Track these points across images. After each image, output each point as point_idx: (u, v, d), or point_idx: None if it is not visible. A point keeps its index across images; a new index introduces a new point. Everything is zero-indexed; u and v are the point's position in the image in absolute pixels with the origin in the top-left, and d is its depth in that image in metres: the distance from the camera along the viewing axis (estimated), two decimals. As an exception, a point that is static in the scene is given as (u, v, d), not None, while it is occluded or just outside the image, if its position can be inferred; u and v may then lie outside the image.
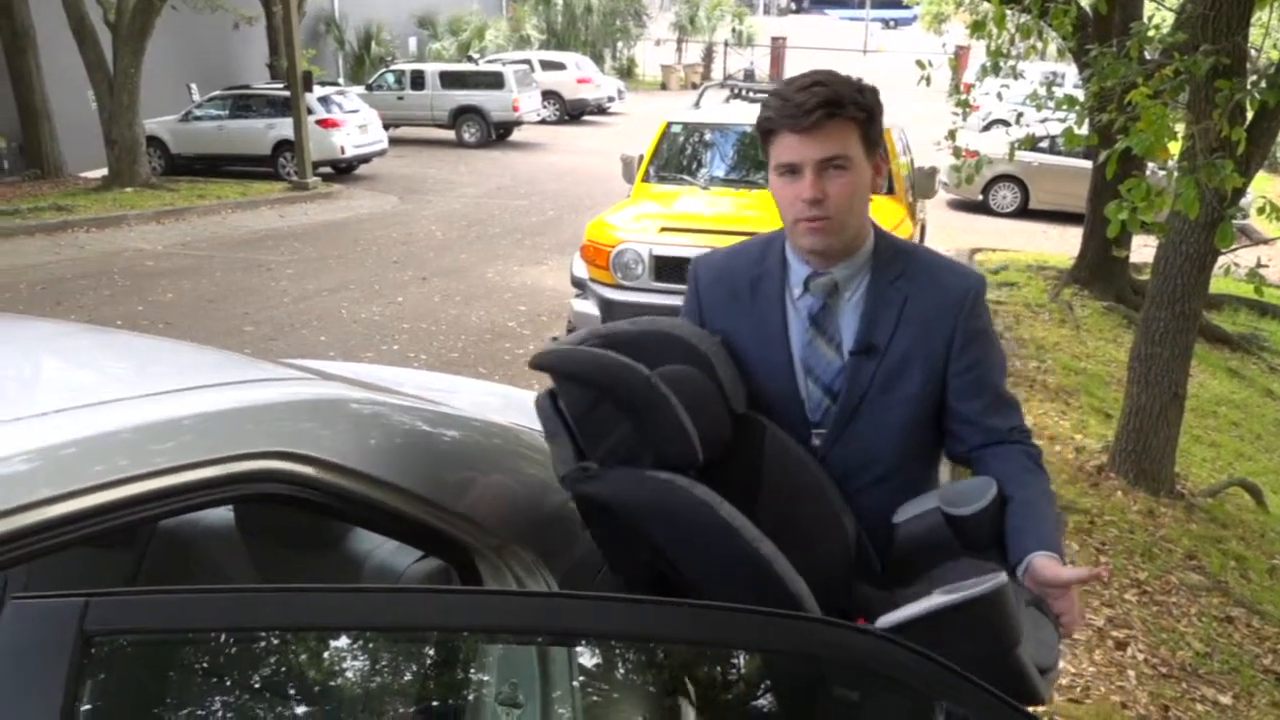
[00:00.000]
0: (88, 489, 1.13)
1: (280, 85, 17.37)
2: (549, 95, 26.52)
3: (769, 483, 1.75)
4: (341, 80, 24.68)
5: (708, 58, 38.38)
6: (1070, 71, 16.94)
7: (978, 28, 6.01)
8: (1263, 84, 4.47)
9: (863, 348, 1.75)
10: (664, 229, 6.46)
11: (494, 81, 22.60)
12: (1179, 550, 5.01)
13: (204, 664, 1.03)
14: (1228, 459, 6.92)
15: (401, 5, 29.88)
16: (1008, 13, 6.22)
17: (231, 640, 0.99)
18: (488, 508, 1.70)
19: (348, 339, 8.20)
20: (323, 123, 16.84)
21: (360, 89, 21.70)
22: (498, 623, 1.04)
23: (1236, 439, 7.39)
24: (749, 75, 30.36)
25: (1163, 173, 4.84)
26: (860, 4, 52.45)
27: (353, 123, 17.58)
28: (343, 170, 17.79)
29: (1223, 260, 5.30)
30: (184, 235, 12.71)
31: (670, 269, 6.20)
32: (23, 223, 12.43)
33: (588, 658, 1.24)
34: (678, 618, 1.01)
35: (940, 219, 13.77)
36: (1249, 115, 4.81)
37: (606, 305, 6.40)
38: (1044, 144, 11.94)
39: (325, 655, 1.08)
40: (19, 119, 15.88)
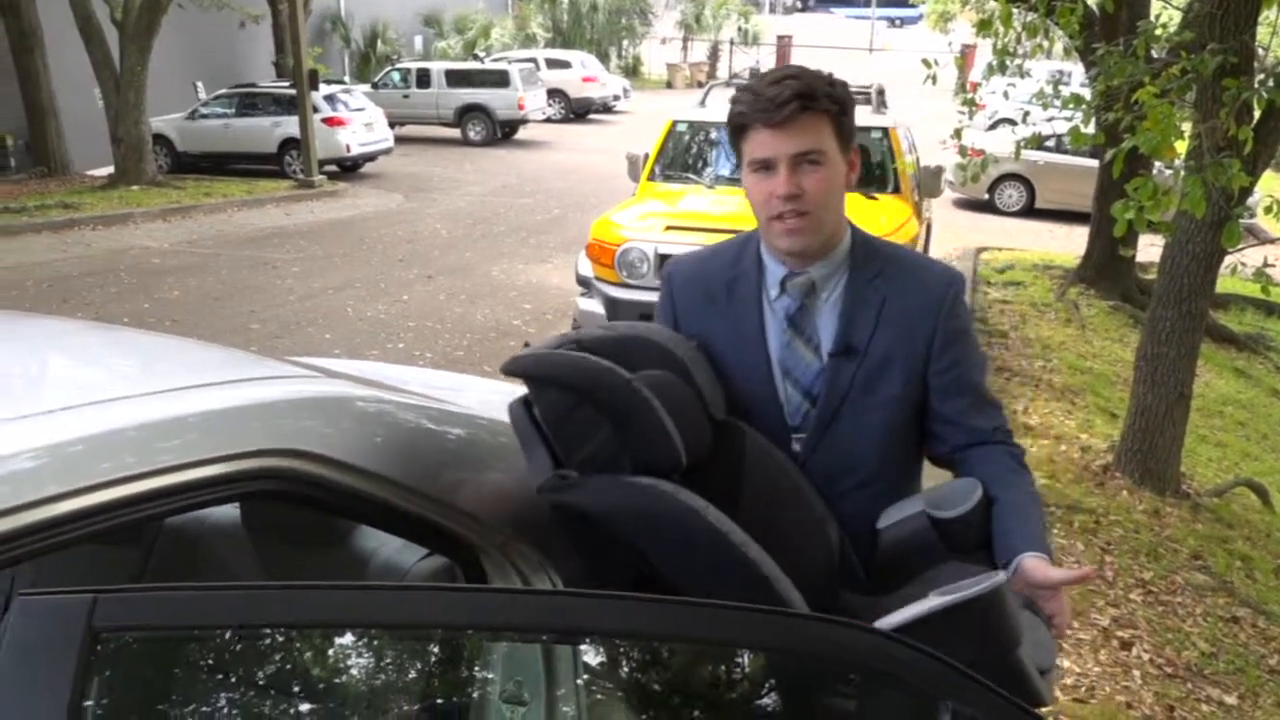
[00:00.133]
0: (94, 486, 1.14)
1: (286, 83, 17.41)
2: (554, 94, 26.52)
3: (749, 490, 1.69)
4: (347, 78, 24.76)
5: (713, 56, 38.37)
6: (1077, 70, 16.91)
7: (984, 26, 6.00)
8: (1270, 83, 4.46)
9: (842, 349, 1.72)
10: (669, 227, 6.45)
11: (499, 80, 22.61)
12: (1184, 550, 5.00)
13: (211, 661, 1.03)
14: (1234, 459, 6.90)
15: (407, 4, 29.89)
16: (1014, 11, 6.20)
17: (238, 637, 1.00)
18: (493, 506, 1.69)
19: (353, 337, 8.21)
20: (328, 121, 16.86)
21: (366, 87, 21.71)
22: (502, 621, 1.04)
23: (1243, 439, 7.38)
24: (754, 74, 30.32)
25: (1169, 172, 4.82)
26: (866, 3, 52.39)
27: (358, 121, 17.61)
28: (348, 168, 17.80)
29: (1229, 259, 5.29)
30: (190, 233, 12.73)
31: None
32: (30, 220, 12.46)
33: (592, 656, 1.24)
34: (683, 617, 1.01)
35: (946, 218, 13.75)
36: (1256, 114, 4.80)
37: (611, 304, 6.40)
38: (1050, 143, 11.89)
39: (331, 653, 1.08)
40: (26, 117, 15.92)
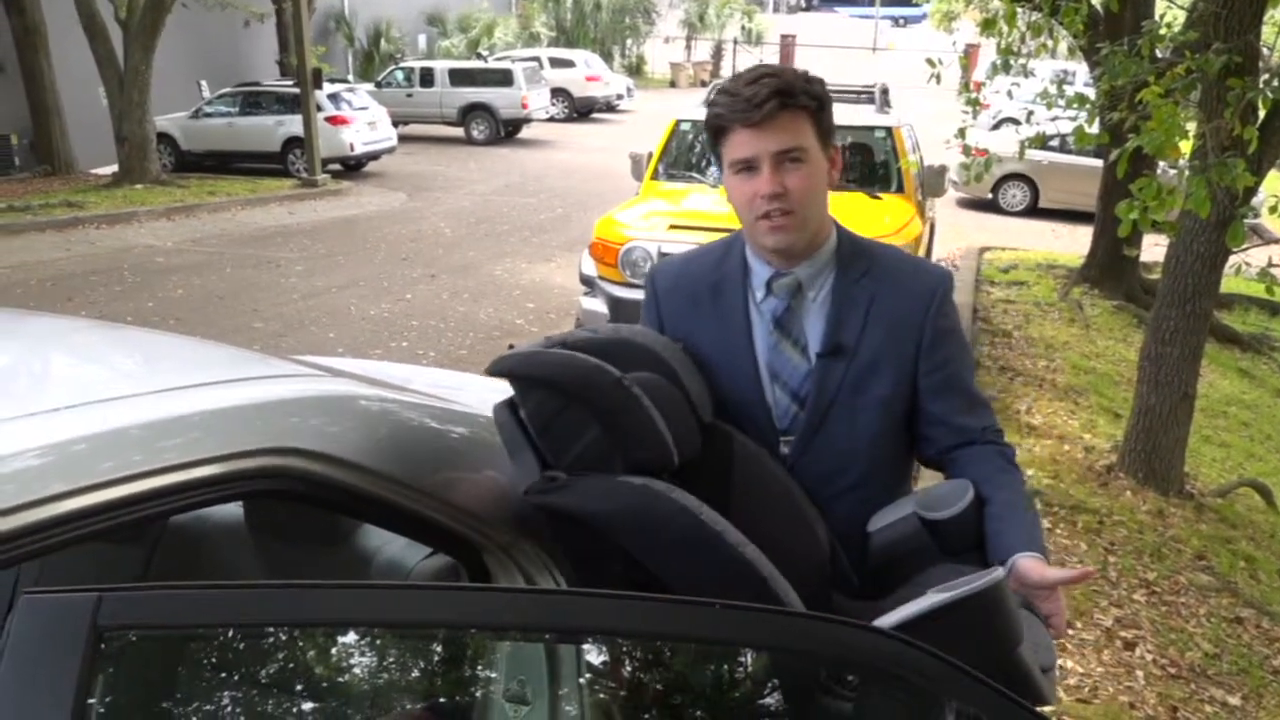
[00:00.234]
0: (99, 484, 1.14)
1: (290, 82, 17.41)
2: (558, 93, 26.52)
3: (738, 494, 1.66)
4: (351, 77, 24.78)
5: (717, 55, 38.35)
6: (1081, 70, 16.90)
7: (988, 25, 5.99)
8: (1275, 82, 4.45)
9: (830, 349, 1.70)
10: (673, 226, 6.45)
11: (503, 79, 22.63)
12: (1188, 550, 4.99)
13: (215, 659, 1.03)
14: (1238, 459, 6.89)
15: (411, 2, 29.91)
16: (1018, 10, 6.20)
17: (242, 636, 1.00)
18: (496, 504, 1.69)
19: (356, 336, 8.21)
20: (332, 120, 16.88)
21: (370, 86, 21.74)
22: (506, 620, 1.04)
23: (1247, 439, 7.36)
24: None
25: (1173, 172, 4.82)
26: (870, 2, 52.35)
27: (362, 120, 17.63)
28: (352, 167, 17.82)
29: (1234, 259, 5.28)
30: (194, 232, 12.75)
31: None
32: (34, 219, 12.48)
33: (595, 655, 1.24)
34: (686, 616, 1.01)
35: (949, 217, 13.74)
36: (1261, 114, 4.79)
37: (615, 303, 6.39)
38: (1054, 143, 11.88)
39: (336, 651, 1.08)
40: (30, 115, 15.96)
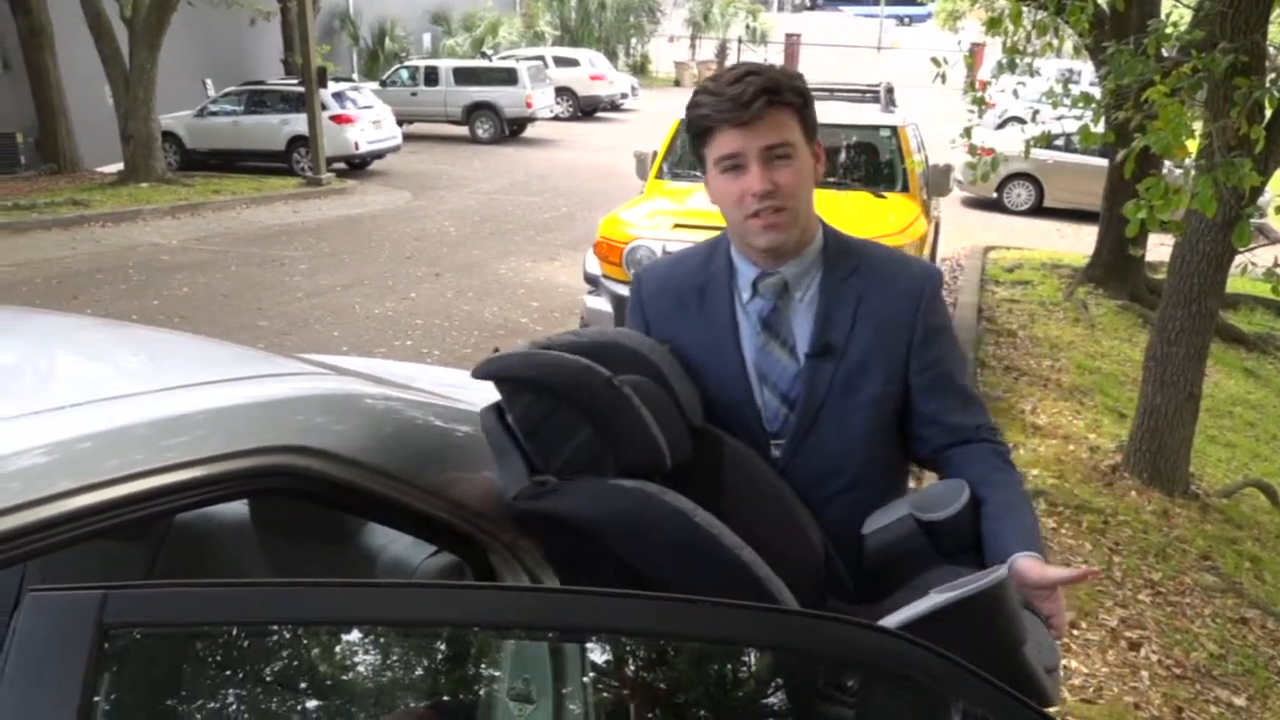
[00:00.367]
0: (104, 483, 1.14)
1: (295, 81, 17.42)
2: (562, 92, 26.53)
3: (729, 499, 1.63)
4: (356, 76, 24.80)
5: (721, 54, 38.30)
6: (1086, 69, 16.86)
7: (994, 24, 5.97)
8: (1282, 82, 4.44)
9: (819, 349, 1.68)
10: (677, 225, 6.44)
11: (507, 78, 22.64)
12: (1193, 551, 4.98)
13: (221, 657, 1.03)
14: (1243, 459, 6.88)
15: (416, 1, 29.93)
16: (1024, 9, 6.18)
17: (248, 634, 1.00)
18: (500, 503, 1.69)
19: (361, 334, 8.22)
20: (337, 119, 16.90)
21: (374, 85, 21.77)
22: (511, 618, 1.04)
23: (1252, 439, 7.35)
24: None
25: (1179, 171, 4.80)
26: (875, 0, 52.28)
27: (367, 119, 17.64)
28: (356, 166, 17.83)
29: (1239, 259, 5.27)
30: (199, 230, 12.76)
31: None
32: (39, 217, 12.50)
33: (600, 654, 1.24)
34: (691, 615, 1.01)
35: (954, 217, 13.72)
36: (1268, 113, 4.78)
37: (619, 302, 6.39)
38: (1059, 142, 11.87)
39: (342, 650, 1.08)
40: (36, 114, 16.00)
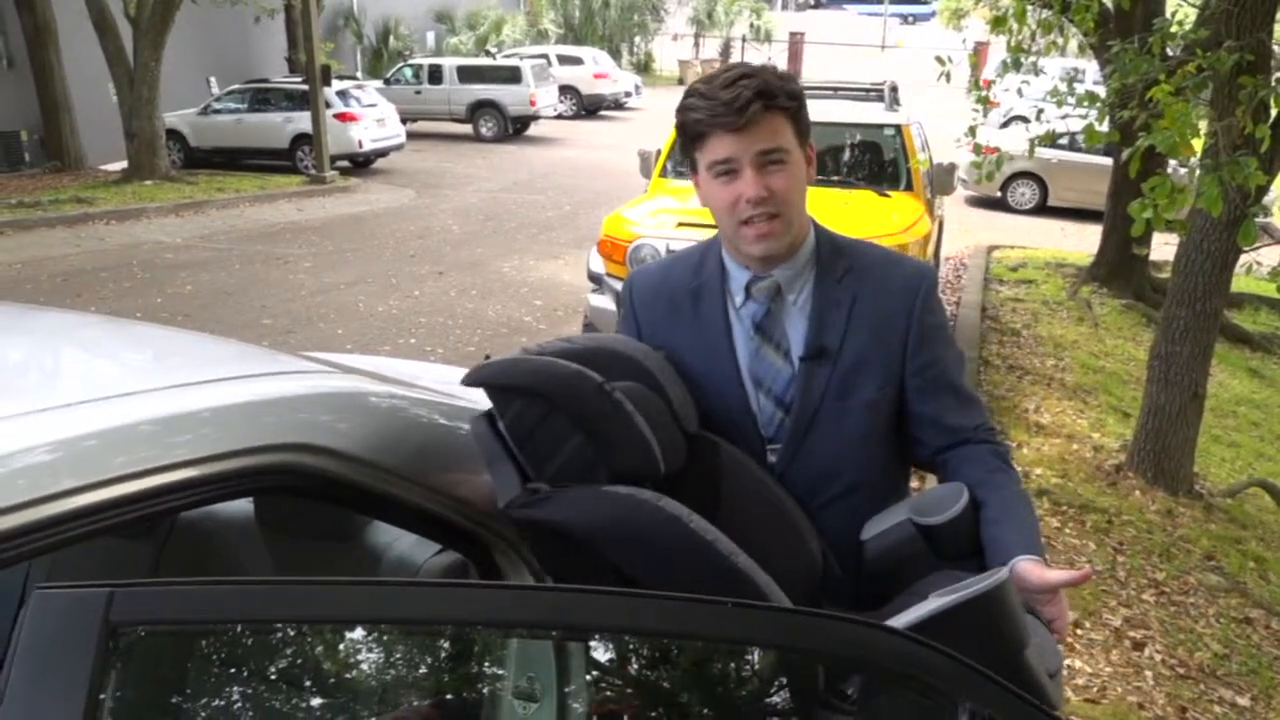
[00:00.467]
0: (109, 480, 1.14)
1: (299, 79, 17.44)
2: (566, 90, 26.54)
3: (725, 505, 1.62)
4: (359, 74, 24.80)
5: (725, 53, 38.32)
6: (1091, 68, 16.82)
7: (998, 23, 5.96)
8: (1287, 81, 4.43)
9: (813, 352, 1.66)
10: (681, 224, 6.44)
11: (511, 76, 22.63)
12: (1197, 551, 4.98)
13: (226, 655, 1.03)
14: (1247, 459, 6.87)
15: (420, 0, 29.94)
16: (1029, 8, 6.17)
17: (255, 632, 1.00)
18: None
19: (365, 332, 8.23)
20: (340, 117, 16.90)
21: (378, 83, 21.75)
22: (516, 617, 1.04)
23: (1256, 439, 7.33)
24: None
25: (1184, 170, 4.79)
26: (879, -1, 52.23)
27: (370, 117, 17.65)
28: (360, 164, 17.84)
29: (1244, 259, 5.26)
30: (203, 228, 12.78)
31: None
32: (44, 215, 12.52)
33: (606, 653, 1.24)
34: (697, 614, 1.01)
35: (958, 215, 13.71)
36: (1273, 112, 4.77)
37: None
38: (1063, 141, 11.84)
39: (347, 648, 1.08)
40: (40, 112, 16.03)
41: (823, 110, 7.64)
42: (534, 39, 32.42)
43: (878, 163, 7.61)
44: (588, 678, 1.26)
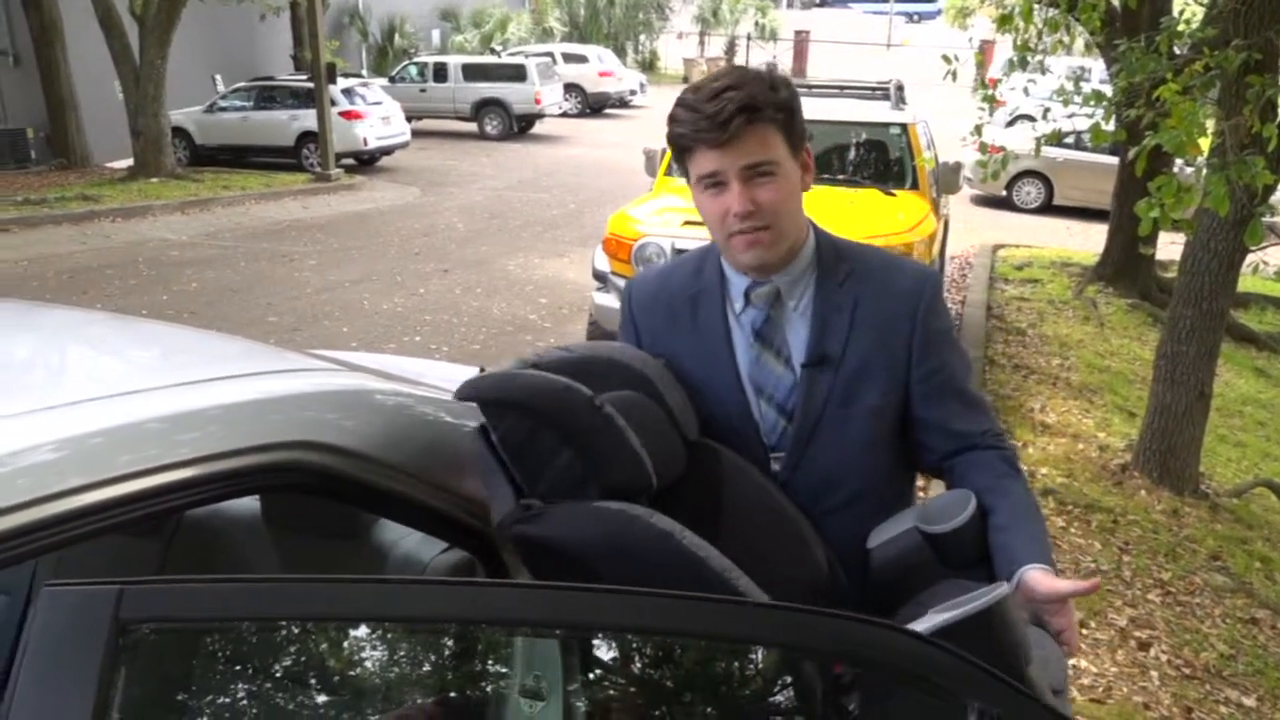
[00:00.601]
0: (116, 478, 1.14)
1: (304, 77, 17.46)
2: (571, 88, 26.54)
3: (727, 515, 1.61)
4: (365, 72, 24.84)
5: (730, 51, 38.28)
6: (1097, 66, 16.79)
7: (1004, 21, 5.95)
8: (1295, 80, 4.41)
9: (814, 359, 1.63)
10: (687, 222, 6.43)
11: (516, 74, 22.63)
12: (1203, 551, 4.97)
13: (234, 653, 1.03)
14: (1253, 459, 6.85)
15: (425, -3, 29.98)
16: (1035, 6, 6.15)
17: (262, 630, 1.00)
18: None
19: (370, 330, 8.23)
20: (346, 114, 16.91)
21: (383, 81, 21.77)
22: (522, 615, 1.04)
23: (1262, 439, 7.32)
24: (771, 69, 30.32)
25: (1190, 170, 4.78)
26: (884, -3, 52.14)
27: (376, 115, 17.66)
28: (365, 162, 17.86)
29: (1251, 258, 5.24)
30: (208, 225, 12.79)
31: None
32: (50, 212, 12.54)
33: (614, 652, 1.23)
34: (705, 613, 1.00)
35: (964, 214, 13.69)
36: (1280, 111, 4.75)
37: (628, 299, 6.37)
38: (1069, 140, 11.82)
39: (354, 646, 1.08)
40: (46, 109, 16.05)
41: (828, 109, 7.63)
42: (539, 37, 32.42)
43: (883, 161, 7.60)
44: (594, 676, 1.26)
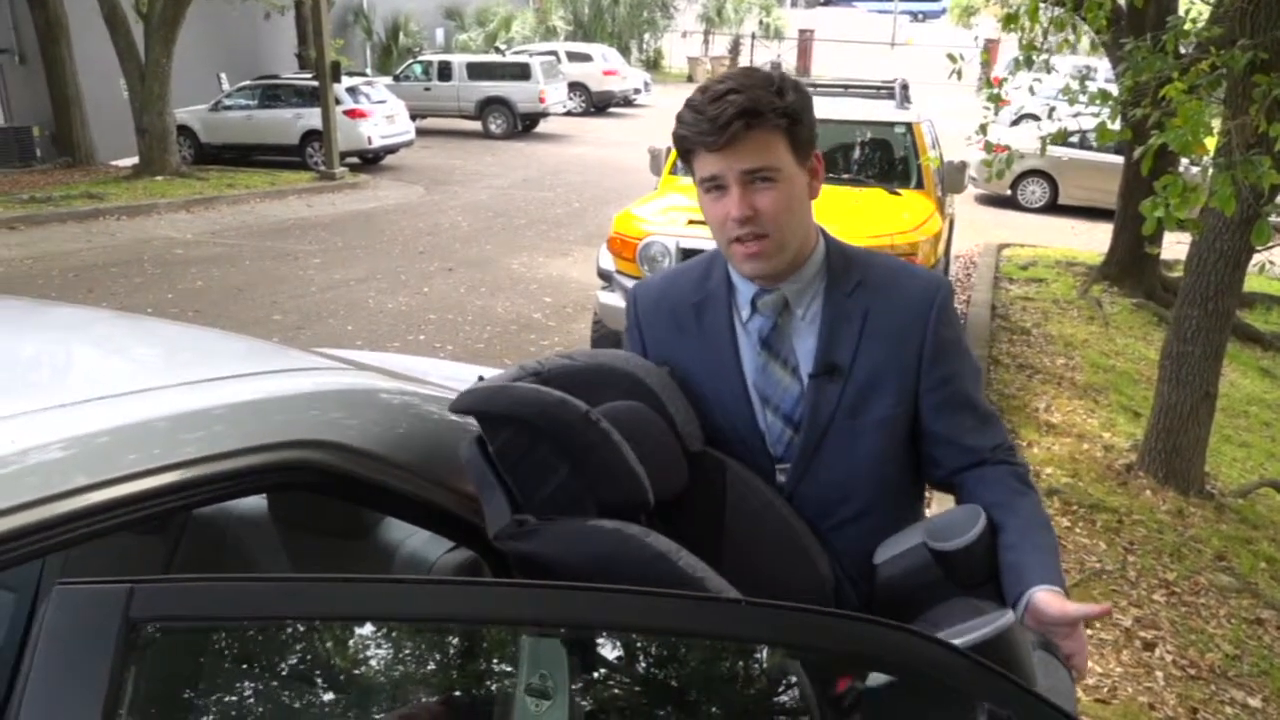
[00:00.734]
0: (122, 477, 1.14)
1: (309, 75, 17.46)
2: (575, 87, 26.51)
3: (732, 527, 1.59)
4: (369, 71, 24.85)
5: (735, 50, 38.26)
6: (1103, 66, 16.75)
7: (1010, 21, 5.94)
8: (1302, 79, 4.40)
9: (822, 369, 1.59)
10: (691, 221, 6.43)
11: (520, 73, 22.63)
12: (1208, 551, 4.96)
13: (243, 651, 1.03)
14: (1259, 459, 6.83)
15: (429, -4, 29.99)
16: (1041, 5, 6.14)
17: (273, 629, 1.00)
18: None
19: (374, 328, 8.24)
20: (350, 113, 16.92)
21: (388, 80, 21.80)
22: (528, 615, 1.04)
23: (1268, 439, 7.30)
24: (776, 68, 30.31)
25: (1196, 169, 4.77)
26: (889, -4, 52.08)
27: (380, 113, 17.67)
28: (370, 161, 17.88)
29: (1257, 258, 5.23)
30: (213, 224, 12.81)
31: None
32: (55, 210, 12.57)
33: (618, 651, 1.23)
34: (711, 613, 1.00)
35: (968, 214, 13.67)
36: (1287, 111, 4.74)
37: (632, 298, 6.37)
38: (1074, 139, 11.80)
39: (361, 645, 1.08)
40: (52, 107, 16.09)
41: (833, 108, 7.63)
42: (543, 36, 32.42)
43: (888, 161, 7.60)
44: (600, 675, 1.26)
